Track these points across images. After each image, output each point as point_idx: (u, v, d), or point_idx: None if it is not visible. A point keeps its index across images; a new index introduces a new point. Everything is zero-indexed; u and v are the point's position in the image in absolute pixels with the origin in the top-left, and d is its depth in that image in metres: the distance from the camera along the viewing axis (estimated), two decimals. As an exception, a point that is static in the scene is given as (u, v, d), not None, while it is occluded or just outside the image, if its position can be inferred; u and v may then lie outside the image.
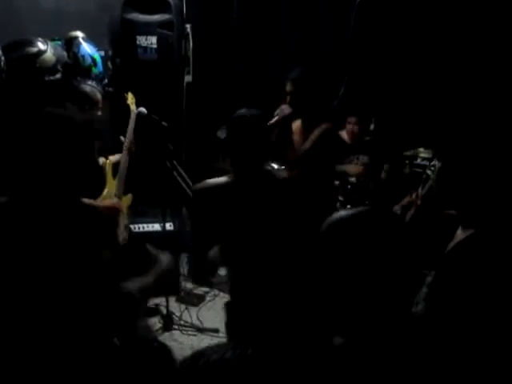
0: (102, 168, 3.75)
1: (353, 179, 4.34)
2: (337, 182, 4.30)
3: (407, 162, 3.98)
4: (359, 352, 1.44)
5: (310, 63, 4.63)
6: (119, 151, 3.91)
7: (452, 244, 2.02)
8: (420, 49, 3.48)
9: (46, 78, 3.42)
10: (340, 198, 4.36)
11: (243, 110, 2.90)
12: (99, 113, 3.61)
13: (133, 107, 3.98)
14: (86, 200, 3.38)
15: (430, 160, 3.47)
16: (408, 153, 4.00)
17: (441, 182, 2.06)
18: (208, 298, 4.67)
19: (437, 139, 2.32)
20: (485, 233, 1.92)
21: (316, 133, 3.65)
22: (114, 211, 3.39)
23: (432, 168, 2.12)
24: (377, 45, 4.06)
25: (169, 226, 4.50)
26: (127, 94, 4.04)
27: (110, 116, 4.40)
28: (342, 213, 1.52)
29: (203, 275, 4.77)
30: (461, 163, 1.99)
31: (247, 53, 5.29)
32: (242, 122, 2.86)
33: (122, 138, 3.88)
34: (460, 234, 1.99)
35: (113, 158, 3.86)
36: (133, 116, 3.95)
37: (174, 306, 4.36)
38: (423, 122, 3.50)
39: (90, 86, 3.61)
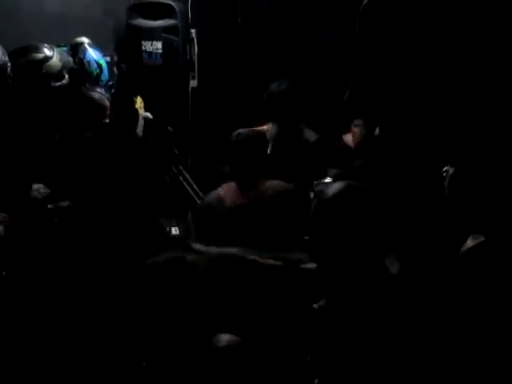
0: None
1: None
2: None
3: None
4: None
5: (286, 75, 4.69)
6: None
7: (461, 251, 2.01)
8: (427, 53, 3.47)
9: (52, 84, 3.43)
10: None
11: (240, 130, 3.08)
12: (107, 120, 3.61)
13: (141, 111, 3.99)
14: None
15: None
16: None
17: (453, 188, 2.05)
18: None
19: (450, 145, 2.31)
20: (495, 241, 1.91)
21: None
22: None
23: (444, 174, 2.10)
24: (382, 49, 4.05)
25: (174, 231, 4.49)
26: (136, 97, 4.05)
27: (115, 122, 4.39)
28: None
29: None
30: (475, 169, 1.99)
31: (252, 57, 5.29)
32: (239, 142, 3.02)
33: None
34: (470, 242, 1.99)
35: None
36: (141, 120, 3.95)
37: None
38: (431, 127, 3.48)
39: (98, 94, 3.62)
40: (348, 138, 4.59)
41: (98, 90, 3.69)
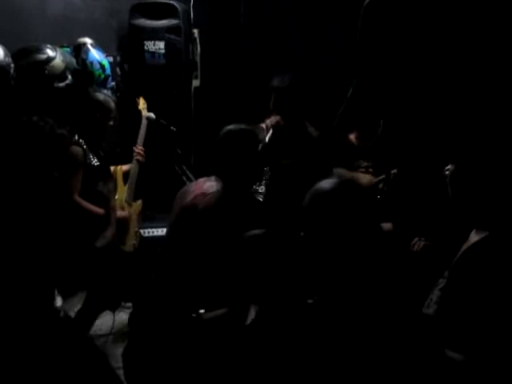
0: (111, 175, 3.77)
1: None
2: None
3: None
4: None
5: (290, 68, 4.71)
6: (128, 157, 3.91)
7: (465, 247, 2.01)
8: (429, 51, 3.47)
9: (55, 85, 3.44)
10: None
11: (232, 126, 2.75)
12: (111, 122, 3.62)
13: (144, 112, 4.00)
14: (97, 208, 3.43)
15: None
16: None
17: (454, 184, 2.05)
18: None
19: (450, 142, 2.31)
20: (498, 236, 1.91)
21: None
22: (123, 221, 3.68)
23: (446, 172, 2.10)
24: (385, 47, 4.05)
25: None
26: (139, 98, 4.05)
27: (118, 122, 4.41)
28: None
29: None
30: (475, 166, 1.99)
31: (254, 57, 5.30)
32: (230, 136, 2.70)
33: (134, 148, 3.88)
34: (473, 237, 1.99)
35: (124, 168, 3.88)
36: (144, 121, 3.96)
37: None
38: (433, 126, 3.49)
39: (103, 95, 3.62)
40: (353, 137, 4.58)
41: (105, 91, 3.70)
